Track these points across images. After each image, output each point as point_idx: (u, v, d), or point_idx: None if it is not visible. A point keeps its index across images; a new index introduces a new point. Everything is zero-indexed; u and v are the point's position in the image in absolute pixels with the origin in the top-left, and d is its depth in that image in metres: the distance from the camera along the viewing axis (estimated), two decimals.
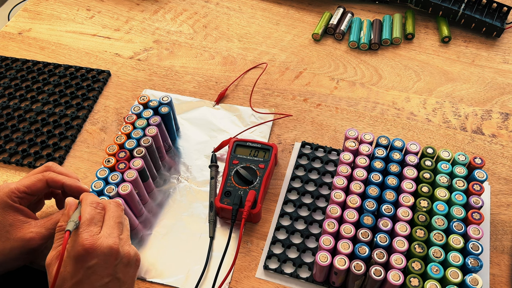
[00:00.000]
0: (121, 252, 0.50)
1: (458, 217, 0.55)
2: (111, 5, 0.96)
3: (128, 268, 0.51)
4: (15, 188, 0.56)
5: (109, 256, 0.48)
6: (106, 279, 0.49)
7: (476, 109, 0.75)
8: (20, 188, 0.56)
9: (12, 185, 0.56)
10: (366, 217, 0.55)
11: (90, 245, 0.47)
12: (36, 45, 0.89)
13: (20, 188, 0.56)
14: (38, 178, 0.57)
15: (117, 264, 0.50)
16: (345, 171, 0.60)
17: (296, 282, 0.58)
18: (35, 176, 0.57)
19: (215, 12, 0.94)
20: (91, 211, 0.50)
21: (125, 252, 0.50)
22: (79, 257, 0.47)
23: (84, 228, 0.48)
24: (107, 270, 0.49)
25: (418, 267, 0.51)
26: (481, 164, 0.59)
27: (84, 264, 0.47)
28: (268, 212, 0.65)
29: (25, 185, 0.56)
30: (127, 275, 0.51)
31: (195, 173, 0.70)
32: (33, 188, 0.57)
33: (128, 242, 0.52)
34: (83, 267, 0.47)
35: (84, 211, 0.50)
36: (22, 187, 0.56)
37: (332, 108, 0.77)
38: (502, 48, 0.84)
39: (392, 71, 0.81)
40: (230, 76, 0.82)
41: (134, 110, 0.68)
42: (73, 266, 0.47)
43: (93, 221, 0.50)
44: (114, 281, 0.49)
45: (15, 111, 0.78)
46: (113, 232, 0.50)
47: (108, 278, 0.49)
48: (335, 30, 0.87)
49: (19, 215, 0.56)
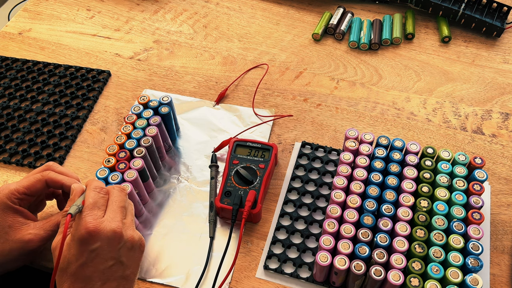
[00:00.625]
0: (124, 236, 0.50)
1: (458, 217, 0.55)
2: (111, 5, 0.96)
3: (131, 252, 0.52)
4: (15, 189, 0.56)
5: (113, 239, 0.49)
6: (110, 262, 0.49)
7: (476, 109, 0.75)
8: (20, 190, 0.56)
9: (12, 186, 0.56)
10: (366, 217, 0.55)
11: (94, 228, 0.48)
12: (36, 45, 0.89)
13: (19, 189, 0.56)
14: (37, 179, 0.57)
15: (121, 247, 0.50)
16: (345, 171, 0.60)
17: (296, 282, 0.58)
18: (34, 176, 0.57)
19: (215, 12, 0.94)
20: (94, 196, 0.51)
21: (128, 236, 0.51)
22: (83, 240, 0.48)
23: (87, 212, 0.49)
24: (111, 253, 0.49)
25: (418, 267, 0.51)
26: (481, 164, 0.59)
27: (88, 247, 0.48)
28: (268, 212, 0.65)
29: (24, 186, 0.56)
30: (131, 259, 0.52)
31: (195, 173, 0.70)
32: (32, 189, 0.57)
33: (132, 226, 0.53)
34: (87, 249, 0.48)
35: (88, 196, 0.51)
36: (22, 188, 0.56)
37: (332, 108, 0.77)
38: (502, 48, 0.84)
39: (392, 71, 0.81)
40: (230, 76, 0.82)
41: (134, 110, 0.68)
42: (77, 249, 0.48)
43: (97, 205, 0.50)
44: (118, 265, 0.50)
45: (15, 111, 0.78)
46: (116, 216, 0.51)
47: (112, 261, 0.49)
48: (335, 30, 0.87)
49: (19, 217, 0.56)
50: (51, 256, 0.62)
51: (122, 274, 0.50)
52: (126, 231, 0.51)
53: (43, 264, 0.62)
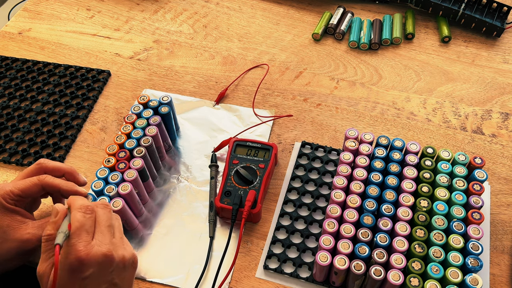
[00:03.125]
0: (116, 258, 0.48)
1: (458, 217, 0.55)
2: (111, 5, 0.96)
3: (124, 272, 0.50)
4: (10, 191, 0.55)
5: (104, 264, 0.47)
6: (103, 286, 0.48)
7: (476, 109, 0.75)
8: (15, 191, 0.55)
9: (7, 187, 0.55)
10: (366, 217, 0.55)
11: (85, 256, 0.46)
12: (36, 45, 0.89)
13: (14, 191, 0.55)
14: (34, 183, 0.56)
15: (113, 270, 0.48)
16: (345, 171, 0.60)
17: (296, 282, 0.58)
18: (31, 180, 0.56)
19: (215, 12, 0.94)
20: (80, 218, 0.48)
21: (120, 257, 0.49)
22: (73, 269, 0.46)
23: (76, 239, 0.47)
24: (104, 277, 0.48)
25: (418, 267, 0.51)
26: (481, 164, 0.59)
27: (80, 275, 0.46)
28: (268, 212, 0.65)
29: (20, 188, 0.56)
30: (124, 280, 0.50)
31: (195, 173, 0.70)
32: (27, 192, 0.56)
33: (122, 244, 0.51)
34: (79, 278, 0.46)
35: (74, 219, 0.48)
36: (17, 190, 0.55)
37: (332, 108, 0.77)
38: (502, 48, 0.84)
39: (392, 71, 0.81)
40: (230, 76, 0.82)
41: (134, 110, 0.68)
42: (68, 278, 0.46)
43: (84, 228, 0.48)
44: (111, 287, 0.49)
45: (15, 111, 0.78)
46: (105, 238, 0.49)
47: (105, 285, 0.48)
48: (335, 30, 0.87)
49: (16, 216, 0.56)
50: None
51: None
52: (117, 252, 0.49)
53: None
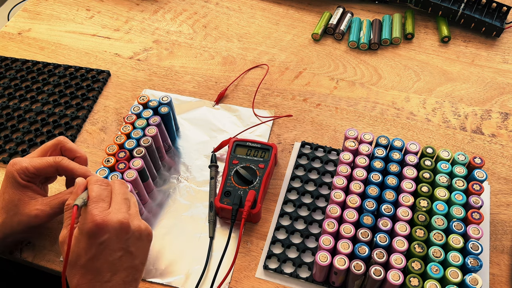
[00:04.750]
0: (131, 226, 0.51)
1: (458, 217, 0.55)
2: (110, 5, 0.96)
3: (139, 242, 0.52)
4: (26, 167, 0.57)
5: (120, 230, 0.50)
6: (119, 253, 0.50)
7: (475, 109, 0.75)
8: (30, 169, 0.57)
9: (24, 163, 0.58)
10: (366, 217, 0.55)
11: (101, 221, 0.48)
12: (36, 45, 0.89)
13: (30, 169, 0.57)
14: (49, 164, 0.58)
15: (129, 238, 0.51)
16: (345, 171, 0.60)
17: (296, 282, 0.58)
18: (47, 160, 0.58)
19: (214, 12, 0.94)
20: (97, 189, 0.52)
21: (135, 226, 0.52)
22: (91, 233, 0.48)
23: (93, 205, 0.50)
24: (119, 244, 0.50)
25: (418, 267, 0.51)
26: (480, 164, 0.59)
27: (97, 240, 0.48)
28: (268, 212, 0.65)
29: (35, 167, 0.58)
30: (139, 249, 0.52)
31: (195, 173, 0.70)
32: (42, 172, 0.58)
33: (138, 217, 0.53)
34: (96, 242, 0.48)
35: (91, 190, 0.51)
36: (32, 168, 0.58)
37: (332, 108, 0.77)
38: (502, 48, 0.84)
39: (392, 71, 0.81)
40: (230, 76, 0.82)
41: (134, 110, 0.68)
42: (86, 242, 0.49)
43: (101, 197, 0.51)
44: (127, 255, 0.51)
45: (14, 111, 0.78)
46: (122, 207, 0.51)
47: (121, 252, 0.50)
48: (335, 30, 0.87)
49: (28, 191, 0.58)
50: (51, 257, 0.62)
51: (131, 264, 0.51)
52: (132, 221, 0.52)
53: (43, 264, 0.62)
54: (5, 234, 0.58)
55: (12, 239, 0.60)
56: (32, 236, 0.63)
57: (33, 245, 0.63)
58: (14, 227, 0.57)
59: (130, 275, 0.51)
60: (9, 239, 0.59)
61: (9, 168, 0.58)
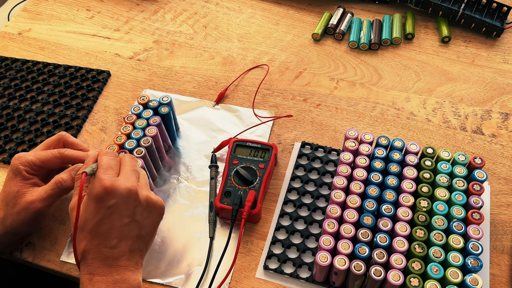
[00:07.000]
0: (139, 195, 0.52)
1: (458, 217, 0.55)
2: (111, 5, 0.96)
3: (147, 212, 0.53)
4: (32, 161, 0.59)
5: (128, 197, 0.51)
6: (126, 219, 0.51)
7: (476, 109, 0.75)
8: (36, 162, 0.59)
9: (29, 157, 0.59)
10: (366, 217, 0.55)
11: (110, 185, 0.50)
12: (36, 45, 0.89)
13: (36, 161, 0.59)
14: (54, 155, 0.60)
15: (136, 206, 0.52)
16: (345, 171, 0.60)
17: (296, 282, 0.58)
18: (52, 152, 0.60)
19: (215, 12, 0.94)
20: (107, 159, 0.53)
21: (143, 196, 0.53)
22: (99, 197, 0.50)
23: (102, 171, 0.51)
24: (126, 211, 0.51)
25: (418, 267, 0.51)
26: (481, 164, 0.59)
27: (104, 204, 0.50)
28: (268, 212, 0.65)
29: (41, 159, 0.59)
30: (146, 219, 0.53)
31: (195, 173, 0.70)
32: (47, 164, 0.60)
33: (147, 188, 0.54)
34: (104, 206, 0.50)
35: (101, 159, 0.53)
36: (38, 161, 0.59)
37: (332, 108, 0.77)
38: (502, 48, 0.84)
39: (392, 71, 0.81)
40: (230, 76, 0.82)
41: (134, 110, 0.68)
42: (94, 206, 0.50)
43: (110, 165, 0.52)
44: (133, 223, 0.52)
45: (15, 112, 0.78)
46: (131, 177, 0.53)
47: (127, 219, 0.51)
48: (335, 30, 0.87)
49: (28, 184, 0.59)
50: (51, 257, 0.62)
51: (138, 233, 0.52)
52: (141, 190, 0.53)
53: (43, 264, 0.62)
54: (5, 228, 0.58)
55: (13, 233, 0.60)
56: (32, 232, 0.63)
57: (33, 245, 0.63)
58: (14, 217, 0.58)
59: (136, 244, 0.52)
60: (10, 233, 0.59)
61: (14, 162, 0.59)
